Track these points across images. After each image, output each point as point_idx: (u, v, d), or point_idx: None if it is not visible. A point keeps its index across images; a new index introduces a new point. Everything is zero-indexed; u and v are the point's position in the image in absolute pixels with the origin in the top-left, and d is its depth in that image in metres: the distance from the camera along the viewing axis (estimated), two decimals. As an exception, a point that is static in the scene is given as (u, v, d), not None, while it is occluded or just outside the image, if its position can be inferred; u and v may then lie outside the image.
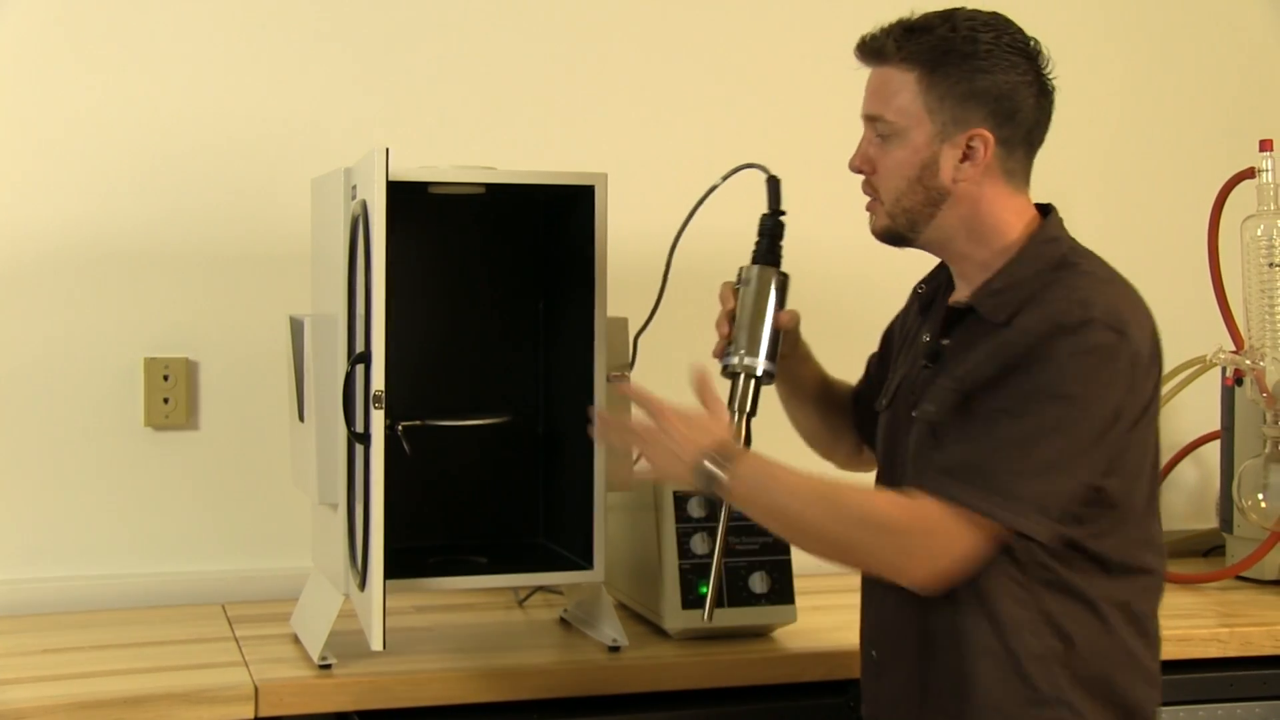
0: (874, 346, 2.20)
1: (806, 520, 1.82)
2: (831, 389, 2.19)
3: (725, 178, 2.08)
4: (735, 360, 1.99)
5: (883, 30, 1.88)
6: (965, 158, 1.85)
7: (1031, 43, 1.88)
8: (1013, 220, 1.90)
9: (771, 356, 1.99)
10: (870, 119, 1.90)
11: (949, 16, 1.87)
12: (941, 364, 1.91)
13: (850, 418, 2.18)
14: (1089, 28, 3.12)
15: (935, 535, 1.76)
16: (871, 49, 1.88)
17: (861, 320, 2.24)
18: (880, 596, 1.95)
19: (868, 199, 1.93)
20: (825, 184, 2.64)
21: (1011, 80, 1.85)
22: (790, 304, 2.04)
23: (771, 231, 2.04)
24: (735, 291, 2.02)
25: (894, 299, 2.16)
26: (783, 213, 2.04)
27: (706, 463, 1.84)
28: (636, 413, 1.97)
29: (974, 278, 1.91)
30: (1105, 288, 1.82)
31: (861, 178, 1.94)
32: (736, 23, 2.91)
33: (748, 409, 1.98)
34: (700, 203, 2.11)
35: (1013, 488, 1.74)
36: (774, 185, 2.05)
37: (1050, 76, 1.89)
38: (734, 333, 2.00)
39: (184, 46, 2.62)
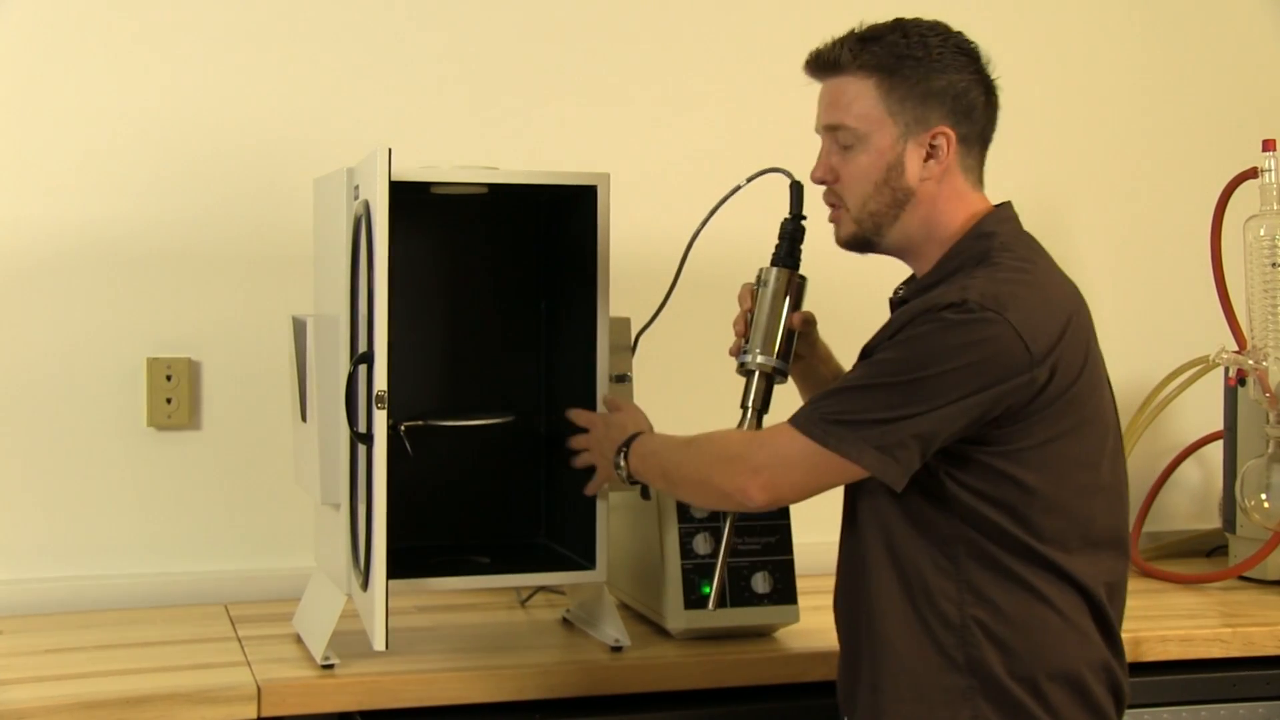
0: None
1: (682, 470, 2.00)
2: None
3: (750, 179, 2.12)
4: (749, 359, 2.05)
5: (834, 42, 1.95)
6: (929, 156, 1.91)
7: (973, 45, 1.94)
8: (963, 218, 1.94)
9: (784, 356, 2.05)
10: (831, 129, 1.95)
11: (897, 25, 1.93)
12: None
13: None
14: (1091, 29, 3.11)
15: (763, 449, 1.89)
16: (825, 61, 1.95)
17: (856, 321, 2.23)
18: (840, 570, 2.00)
19: (830, 209, 1.98)
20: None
21: (965, 79, 1.92)
22: (805, 303, 2.07)
23: (792, 235, 2.08)
24: (754, 293, 2.07)
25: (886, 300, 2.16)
26: (804, 217, 2.08)
27: (614, 453, 2.09)
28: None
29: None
30: (1003, 276, 1.85)
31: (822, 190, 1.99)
32: (739, 23, 2.91)
33: (760, 406, 2.04)
34: (722, 202, 2.14)
35: (843, 415, 1.82)
36: (796, 190, 2.09)
37: (994, 77, 1.95)
38: (749, 332, 2.06)
39: (186, 47, 2.62)
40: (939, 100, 1.90)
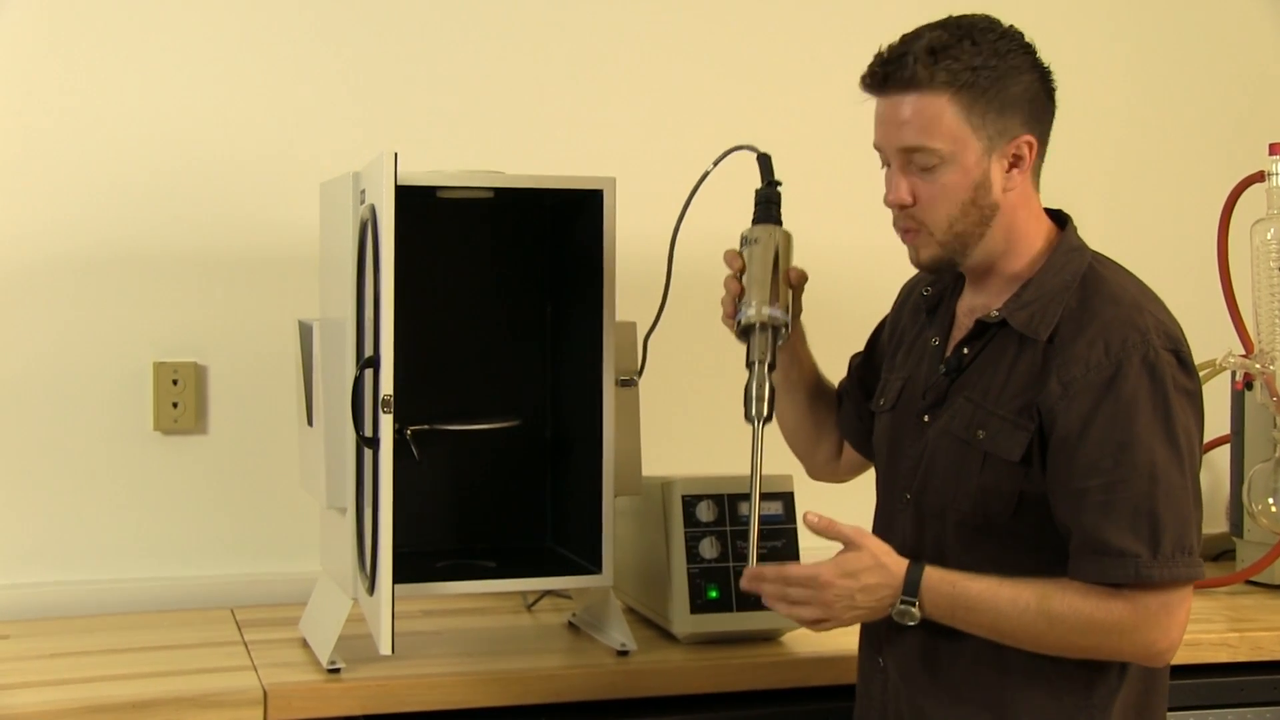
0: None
1: (1020, 637, 1.82)
2: (822, 379, 2.18)
3: (716, 162, 2.07)
4: (751, 312, 1.93)
5: (903, 56, 1.79)
6: (1012, 166, 1.84)
7: (1027, 38, 1.86)
8: (1038, 227, 1.90)
9: (786, 309, 1.95)
10: (909, 150, 1.81)
11: (959, 29, 1.81)
12: (966, 375, 1.90)
13: (835, 415, 2.18)
14: (1098, 31, 3.11)
15: (1159, 616, 1.80)
16: (901, 78, 1.79)
17: (863, 322, 2.23)
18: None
19: (904, 233, 1.87)
20: (833, 184, 2.65)
21: (1033, 79, 1.84)
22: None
23: (768, 197, 2.02)
24: (740, 254, 1.99)
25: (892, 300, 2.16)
26: (778, 183, 2.02)
27: (899, 609, 1.82)
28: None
29: (1001, 289, 1.90)
30: (1147, 305, 1.85)
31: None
32: (744, 25, 2.91)
33: (768, 359, 1.91)
34: (695, 190, 2.11)
35: (1185, 541, 1.79)
36: (765, 161, 2.04)
37: (1048, 66, 1.87)
38: (745, 289, 1.96)
39: (193, 50, 2.62)
40: (1017, 108, 1.81)
